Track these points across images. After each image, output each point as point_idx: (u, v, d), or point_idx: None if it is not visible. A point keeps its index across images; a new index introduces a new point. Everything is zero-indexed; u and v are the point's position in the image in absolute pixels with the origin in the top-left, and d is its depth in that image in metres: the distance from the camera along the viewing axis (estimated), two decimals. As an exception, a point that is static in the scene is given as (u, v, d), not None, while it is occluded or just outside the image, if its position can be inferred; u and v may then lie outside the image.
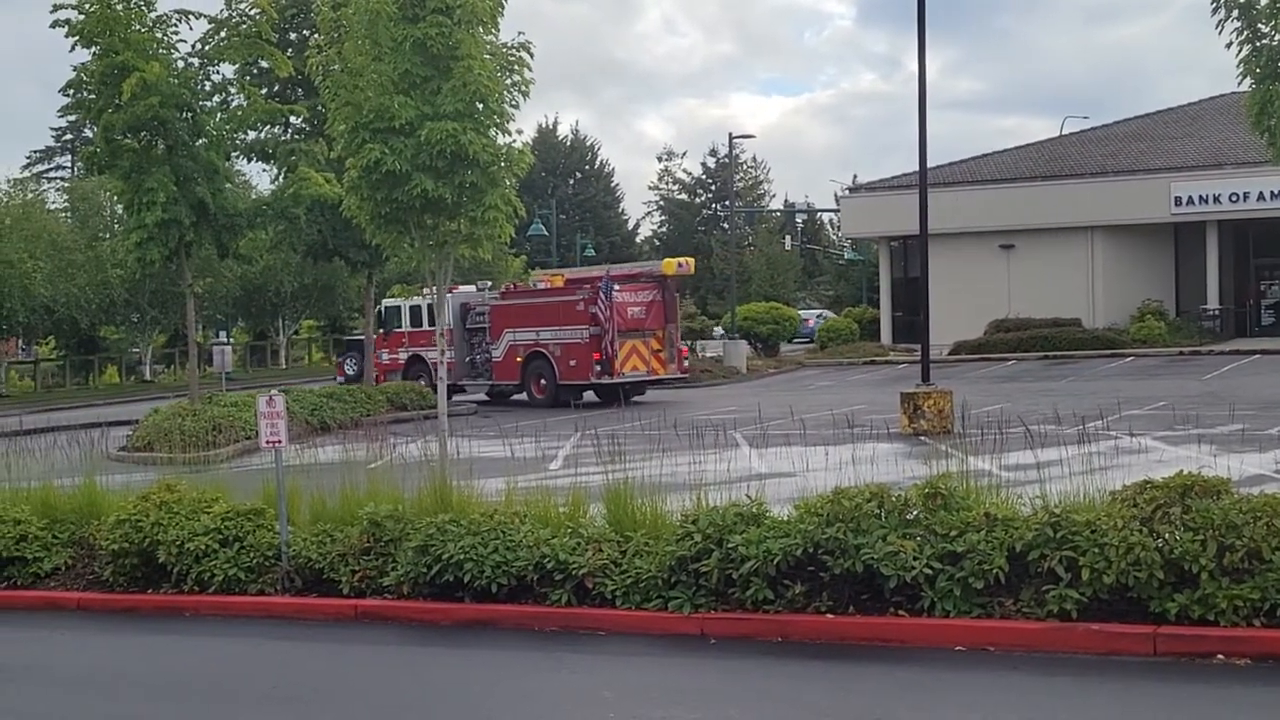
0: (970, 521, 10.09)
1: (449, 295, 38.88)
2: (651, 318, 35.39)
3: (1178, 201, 47.99)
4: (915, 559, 9.86)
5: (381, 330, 40.93)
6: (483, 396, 37.50)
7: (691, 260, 39.19)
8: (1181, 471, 9.96)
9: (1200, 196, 47.79)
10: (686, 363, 37.77)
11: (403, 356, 38.24)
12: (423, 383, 36.09)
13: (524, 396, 36.27)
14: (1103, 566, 9.34)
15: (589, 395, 35.41)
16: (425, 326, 39.00)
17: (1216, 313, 48.56)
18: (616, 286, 34.59)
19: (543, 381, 35.69)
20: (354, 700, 9.30)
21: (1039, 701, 8.37)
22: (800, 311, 70.65)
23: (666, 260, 37.57)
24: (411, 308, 39.45)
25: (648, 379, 35.74)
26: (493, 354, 36.72)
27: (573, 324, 34.86)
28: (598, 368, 34.20)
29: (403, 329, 38.85)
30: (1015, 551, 9.74)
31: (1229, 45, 18.39)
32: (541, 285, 39.14)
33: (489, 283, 44.44)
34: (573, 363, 34.80)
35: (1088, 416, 15.55)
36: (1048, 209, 49.81)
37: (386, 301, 43.33)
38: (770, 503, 11.21)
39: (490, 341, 36.77)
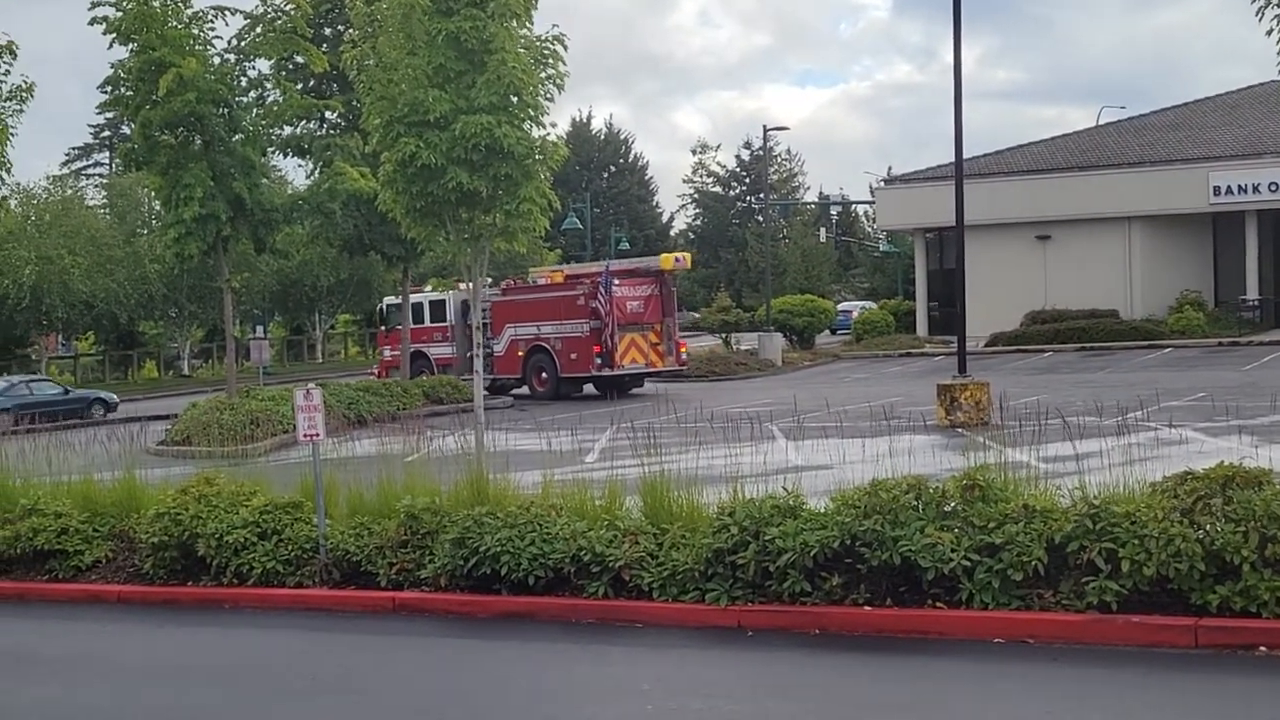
0: (1008, 513, 10.04)
1: (451, 293, 39.53)
2: (650, 311, 36.23)
3: (1216, 191, 47.57)
4: (953, 551, 9.82)
5: (384, 327, 41.83)
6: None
7: (689, 255, 40.27)
8: (1222, 463, 9.88)
9: (1239, 186, 47.35)
10: (685, 355, 38.56)
11: (402, 352, 38.41)
12: (423, 377, 36.47)
13: (525, 390, 36.68)
14: (1143, 558, 9.27)
15: (588, 388, 35.90)
16: (427, 323, 39.78)
17: (1256, 303, 48.13)
18: (616, 281, 35.26)
19: (544, 375, 36.38)
20: (394, 691, 9.33)
21: (1080, 693, 8.32)
22: (839, 305, 70.52)
23: (664, 255, 38.76)
24: (414, 304, 39.71)
25: (646, 371, 36.54)
26: (494, 349, 37.02)
27: (573, 318, 35.66)
28: (598, 360, 34.98)
29: (404, 325, 39.03)
30: (1054, 543, 9.69)
31: (1269, 33, 18.17)
32: (541, 281, 39.60)
33: (488, 279, 44.76)
34: (574, 356, 35.46)
35: (1126, 408, 15.45)
36: (1085, 199, 49.46)
37: (387, 299, 44.04)
38: (807, 495, 11.17)
39: (491, 336, 37.03)
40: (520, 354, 36.77)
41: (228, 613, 12.41)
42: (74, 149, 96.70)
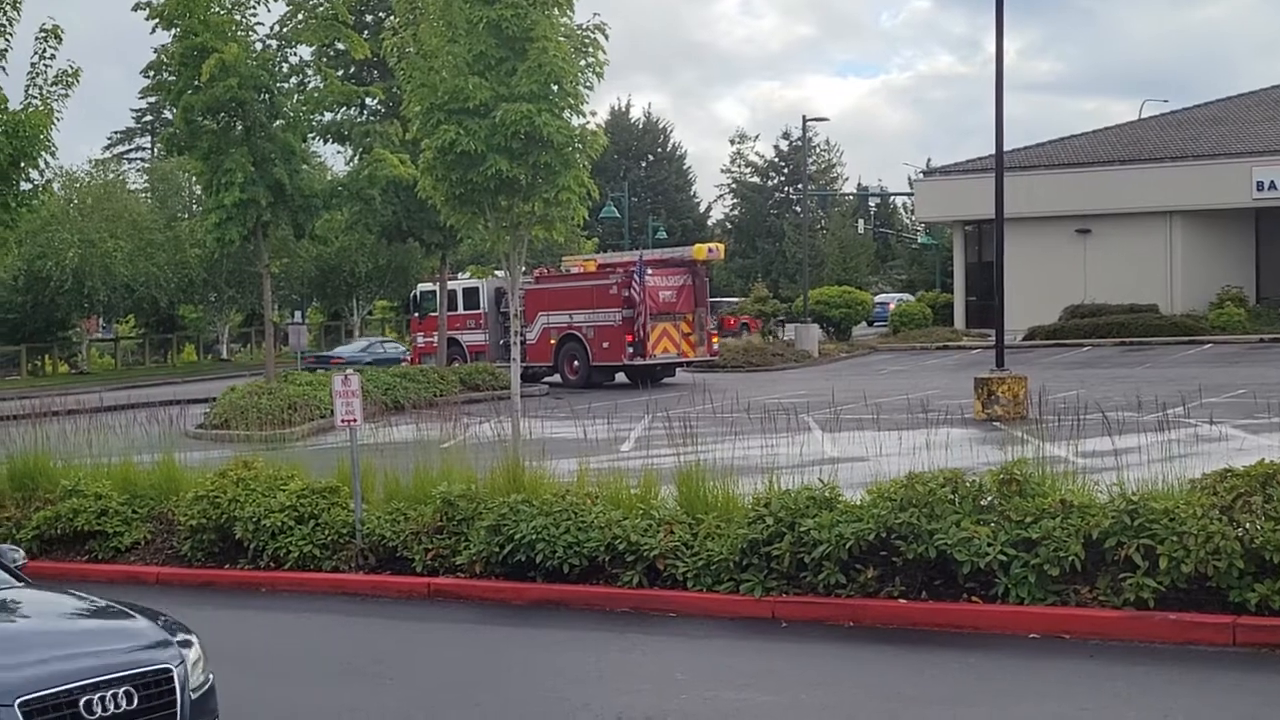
0: (1046, 508, 9.99)
1: (484, 281, 39.64)
2: (682, 301, 36.30)
3: (1259, 186, 47.10)
4: (989, 545, 9.79)
5: (417, 314, 42.03)
6: None
7: (722, 245, 40.23)
8: (1263, 460, 9.82)
9: (1283, 181, 46.92)
10: (716, 345, 38.56)
11: (438, 340, 38.55)
12: (456, 364, 36.57)
13: (557, 378, 36.77)
14: (1181, 555, 9.22)
15: (620, 377, 35.98)
16: (460, 310, 39.92)
17: (1298, 300, 47.72)
18: (649, 270, 35.37)
19: (575, 363, 36.50)
20: (429, 676, 9.38)
21: (1117, 690, 8.28)
22: (877, 297, 70.28)
23: (697, 245, 38.82)
24: (449, 292, 39.82)
25: (678, 361, 36.64)
26: (527, 337, 37.06)
27: (606, 307, 35.76)
28: (630, 349, 35.04)
29: (437, 313, 39.12)
30: (1092, 539, 9.65)
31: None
32: (575, 270, 39.67)
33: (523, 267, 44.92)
34: (605, 345, 35.56)
35: (1166, 403, 15.35)
36: (1126, 193, 49.09)
37: (420, 286, 44.17)
38: (843, 487, 11.16)
39: (524, 324, 37.12)
40: (552, 342, 36.90)
41: (264, 596, 12.49)
42: (116, 133, 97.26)
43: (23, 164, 17.80)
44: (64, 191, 54.97)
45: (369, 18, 36.88)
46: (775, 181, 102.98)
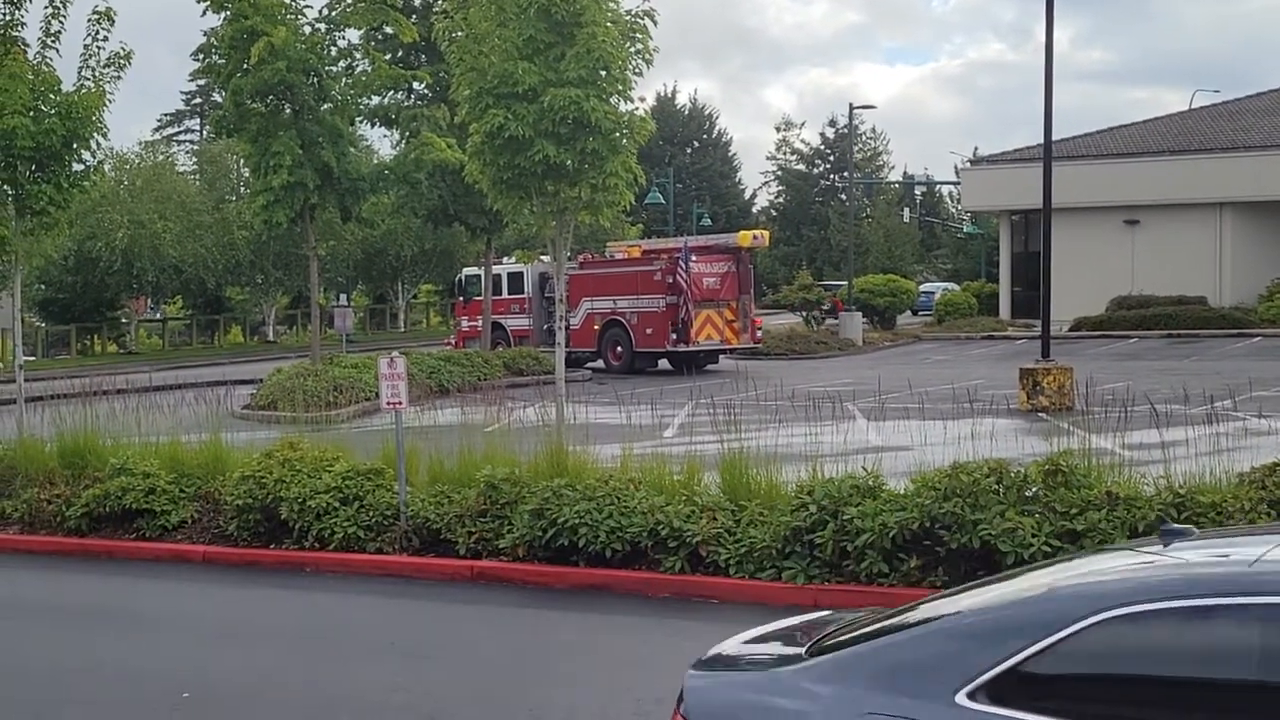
0: (1091, 500, 9.95)
1: (528, 266, 39.68)
2: (726, 288, 36.18)
3: (1312, 178, 46.60)
4: (1033, 536, 9.75)
5: (462, 298, 42.20)
6: None
7: (766, 233, 40.10)
8: (1312, 454, 9.74)
9: (1336, 173, 46.37)
10: (760, 333, 38.41)
11: (482, 324, 38.69)
12: (500, 349, 36.70)
13: (600, 363, 36.81)
14: (1228, 549, 9.15)
15: (663, 363, 36.00)
16: (504, 295, 40.02)
17: (1350, 293, 47.13)
18: (693, 257, 35.35)
19: (619, 349, 36.51)
20: (471, 657, 9.44)
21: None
22: (921, 286, 69.98)
23: (742, 232, 38.66)
24: (493, 276, 39.94)
25: (721, 348, 36.53)
26: (570, 322, 37.10)
27: (650, 293, 35.68)
28: (674, 336, 35.03)
29: (482, 297, 39.25)
30: (1137, 531, 9.58)
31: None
32: (619, 255, 39.68)
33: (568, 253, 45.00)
34: (649, 331, 35.53)
35: (1214, 396, 15.22)
36: (1175, 184, 48.64)
37: (466, 271, 44.33)
38: (886, 476, 11.15)
39: (568, 310, 37.15)
40: (596, 328, 36.95)
41: (308, 576, 12.59)
42: (166, 115, 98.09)
43: (75, 145, 17.95)
44: (114, 173, 55.44)
45: (417, 2, 36.98)
46: (821, 169, 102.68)
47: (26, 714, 8.59)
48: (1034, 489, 10.26)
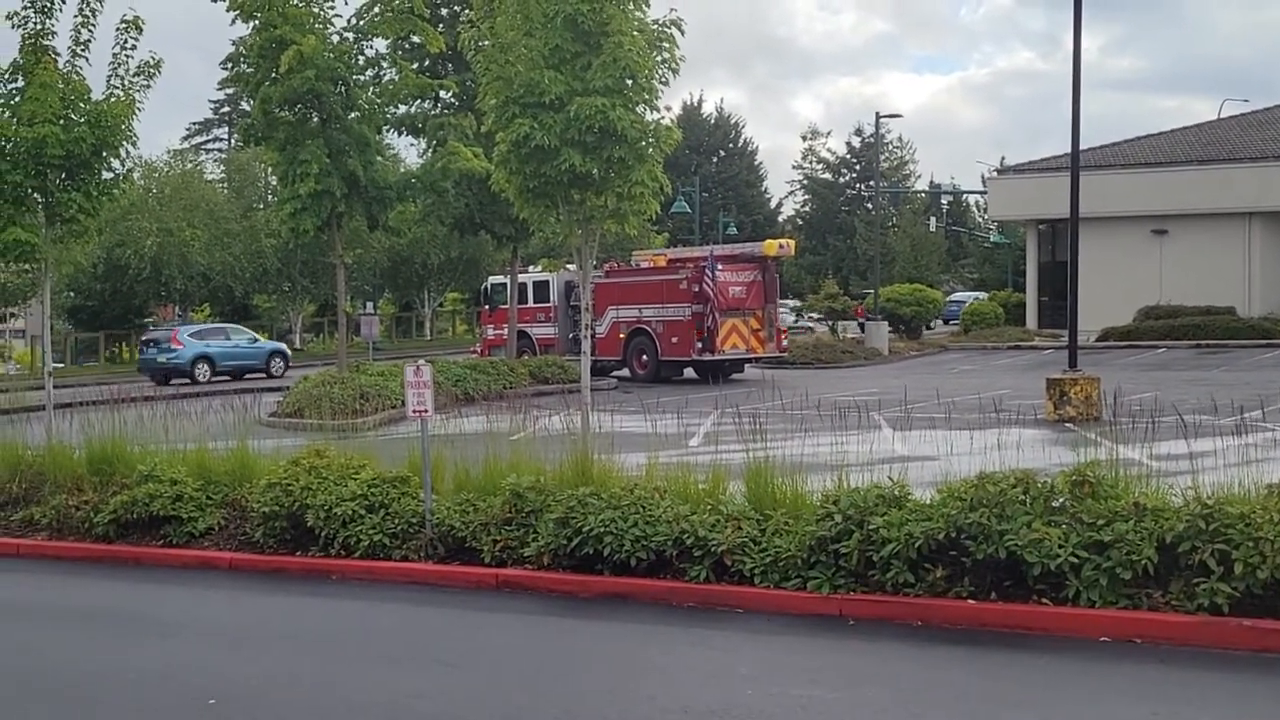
0: (1118, 511, 9.89)
1: (554, 274, 39.82)
2: (752, 297, 36.41)
3: (1342, 188, 46.32)
4: (1060, 547, 9.70)
5: (488, 306, 42.45)
6: None
7: (792, 241, 40.32)
8: (1343, 466, 9.66)
9: (1365, 183, 46.08)
10: (785, 342, 38.54)
11: (508, 332, 38.81)
12: (526, 357, 36.77)
13: (625, 372, 36.85)
14: (1257, 561, 9.10)
15: (688, 372, 36.05)
16: (530, 303, 40.11)
17: (1379, 304, 46.86)
18: (719, 266, 35.50)
19: (644, 357, 36.64)
20: (497, 665, 9.44)
21: (1189, 696, 8.19)
22: (948, 295, 69.82)
23: (768, 241, 38.83)
24: (519, 285, 40.05)
25: (747, 357, 36.65)
26: (596, 330, 37.15)
27: (676, 302, 35.89)
28: (699, 345, 35.22)
29: (507, 305, 39.37)
30: (1165, 543, 9.53)
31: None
32: (644, 264, 39.76)
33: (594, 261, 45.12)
34: (675, 339, 35.67)
35: (1243, 407, 15.14)
36: (1204, 194, 48.44)
37: (491, 279, 44.50)
38: (912, 486, 11.11)
39: (594, 318, 37.19)
40: (621, 336, 37.08)
41: (334, 583, 12.62)
42: (194, 124, 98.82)
43: (104, 153, 18.05)
44: (143, 181, 55.81)
45: (444, 11, 37.09)
46: (847, 178, 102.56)
47: (52, 718, 8.62)
48: (1061, 499, 10.20)
